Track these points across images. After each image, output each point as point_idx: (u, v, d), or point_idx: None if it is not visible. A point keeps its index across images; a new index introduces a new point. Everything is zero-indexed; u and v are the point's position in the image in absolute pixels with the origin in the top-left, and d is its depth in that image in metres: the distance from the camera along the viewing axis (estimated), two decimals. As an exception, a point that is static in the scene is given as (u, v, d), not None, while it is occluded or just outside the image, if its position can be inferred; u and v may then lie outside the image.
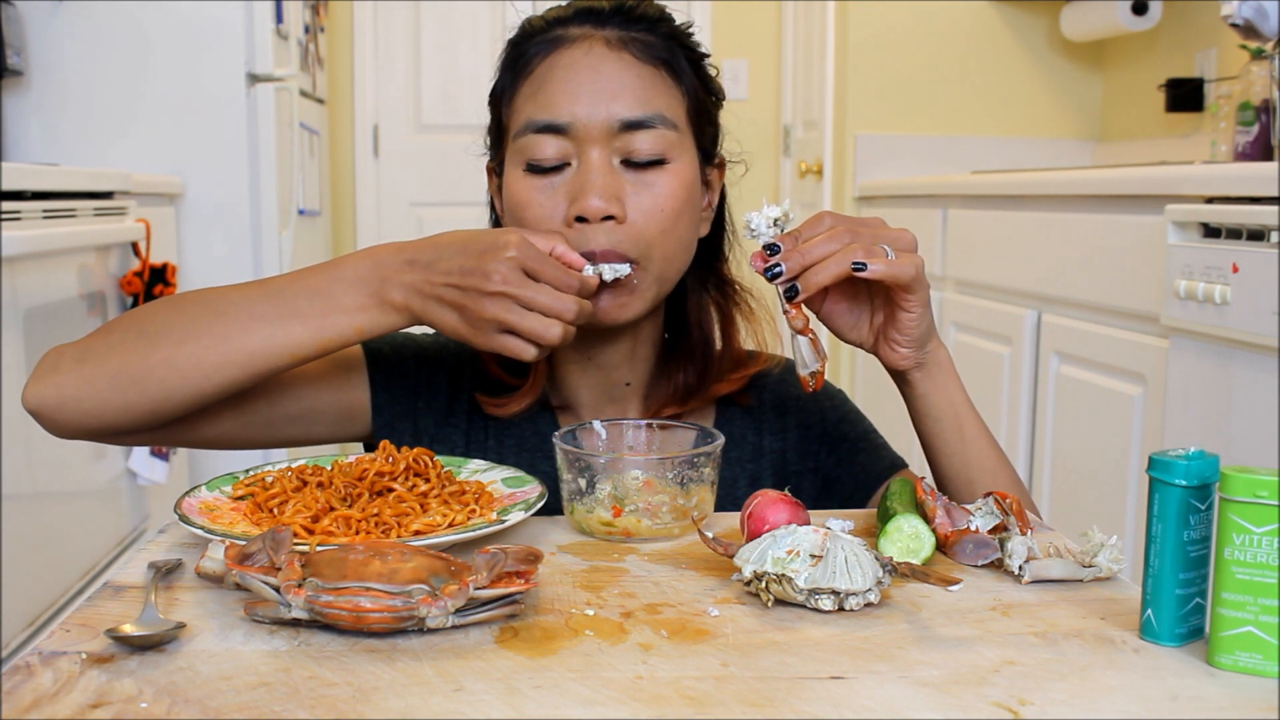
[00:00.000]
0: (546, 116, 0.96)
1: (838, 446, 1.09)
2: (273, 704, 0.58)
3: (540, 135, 0.96)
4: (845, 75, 3.50)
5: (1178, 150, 3.03)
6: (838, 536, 0.73)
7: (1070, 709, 0.58)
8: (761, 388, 1.11)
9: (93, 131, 2.80)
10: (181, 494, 0.87)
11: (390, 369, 1.07)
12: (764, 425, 1.10)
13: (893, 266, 0.86)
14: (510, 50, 1.03)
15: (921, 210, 2.97)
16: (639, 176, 0.97)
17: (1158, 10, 3.04)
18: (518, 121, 0.99)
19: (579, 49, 0.98)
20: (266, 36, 2.88)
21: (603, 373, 1.06)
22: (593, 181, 0.95)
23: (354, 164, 4.24)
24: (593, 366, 1.06)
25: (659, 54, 0.99)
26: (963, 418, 0.95)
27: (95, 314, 2.29)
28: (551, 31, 1.00)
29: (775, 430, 1.10)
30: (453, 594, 0.66)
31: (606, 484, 0.86)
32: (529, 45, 1.00)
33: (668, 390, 1.07)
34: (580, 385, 1.07)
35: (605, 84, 0.96)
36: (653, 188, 0.97)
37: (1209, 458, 0.66)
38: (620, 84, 0.97)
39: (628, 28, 1.00)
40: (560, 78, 0.97)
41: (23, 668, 0.62)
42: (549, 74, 0.97)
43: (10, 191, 1.90)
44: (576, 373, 1.07)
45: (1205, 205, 1.76)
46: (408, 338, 1.11)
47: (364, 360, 1.07)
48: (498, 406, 1.06)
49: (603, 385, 1.07)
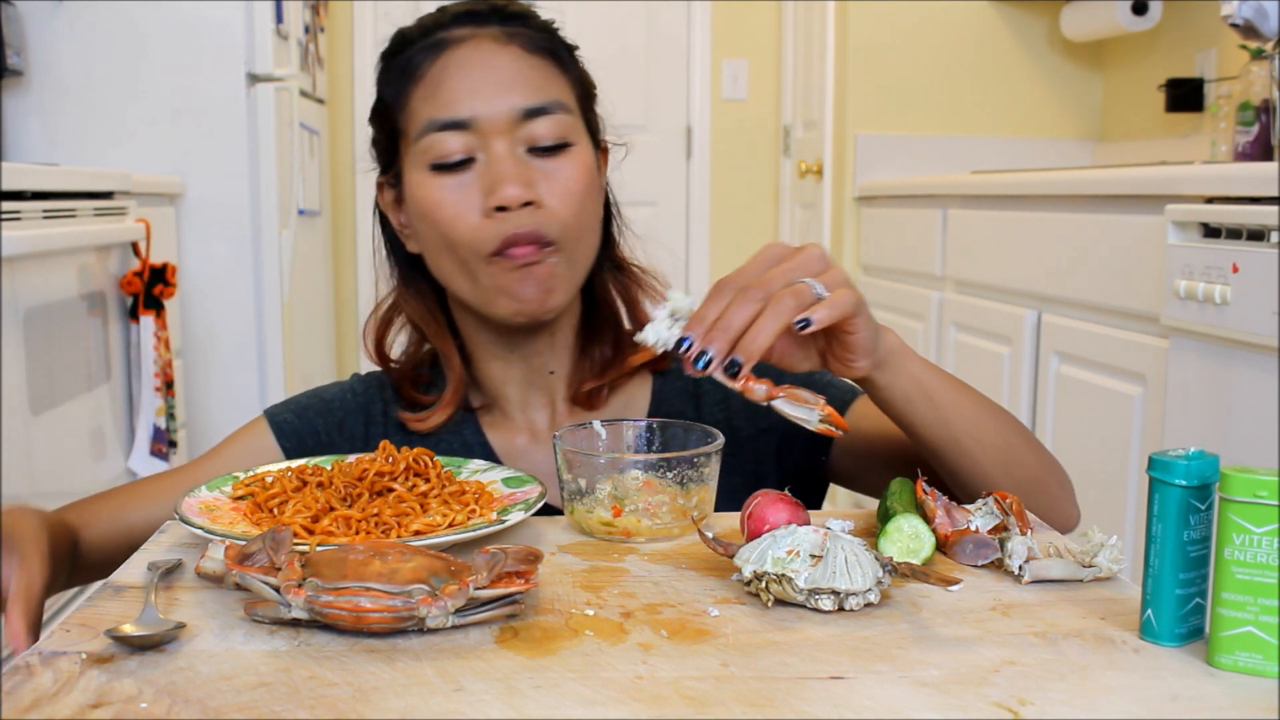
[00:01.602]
0: (448, 114, 0.98)
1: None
2: (273, 704, 0.58)
3: (443, 133, 0.98)
4: (845, 75, 3.50)
5: (1178, 150, 3.03)
6: (838, 536, 0.73)
7: (1070, 709, 0.58)
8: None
9: (93, 131, 2.80)
10: (181, 494, 0.87)
11: (299, 434, 1.08)
12: (703, 397, 1.10)
13: (834, 308, 0.78)
14: (389, 61, 1.05)
15: (921, 210, 2.97)
16: (544, 163, 0.99)
17: (1158, 10, 3.04)
18: (416, 124, 1.00)
19: (468, 47, 1.00)
20: (266, 36, 2.88)
21: (526, 363, 1.08)
22: (507, 170, 0.97)
23: (354, 164, 4.23)
24: (516, 359, 1.07)
25: (543, 44, 1.02)
26: (927, 386, 0.89)
27: (95, 314, 2.29)
28: (432, 36, 1.02)
29: (716, 400, 1.09)
30: (453, 594, 0.66)
31: (606, 484, 0.86)
32: (412, 52, 1.02)
33: (587, 368, 1.09)
34: (505, 380, 1.08)
35: (501, 76, 0.99)
36: (559, 172, 0.99)
37: (1209, 458, 0.66)
38: (515, 74, 0.99)
39: (506, 24, 1.02)
40: (456, 75, 0.99)
41: (23, 668, 0.62)
42: (443, 74, 0.99)
43: (10, 191, 1.89)
44: (500, 369, 1.08)
45: (1205, 205, 1.76)
46: (312, 396, 1.12)
47: (269, 430, 1.08)
48: (420, 421, 1.07)
49: (527, 376, 1.08)
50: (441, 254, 1.01)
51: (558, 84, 1.02)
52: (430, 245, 1.03)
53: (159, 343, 2.47)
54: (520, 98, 0.98)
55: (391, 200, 1.08)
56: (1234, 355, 1.68)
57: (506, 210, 0.96)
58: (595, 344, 1.10)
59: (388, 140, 1.06)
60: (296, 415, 1.09)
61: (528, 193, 0.97)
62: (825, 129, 3.62)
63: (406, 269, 1.11)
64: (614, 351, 1.10)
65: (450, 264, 1.01)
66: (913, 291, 3.02)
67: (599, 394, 1.09)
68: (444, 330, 1.09)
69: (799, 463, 1.08)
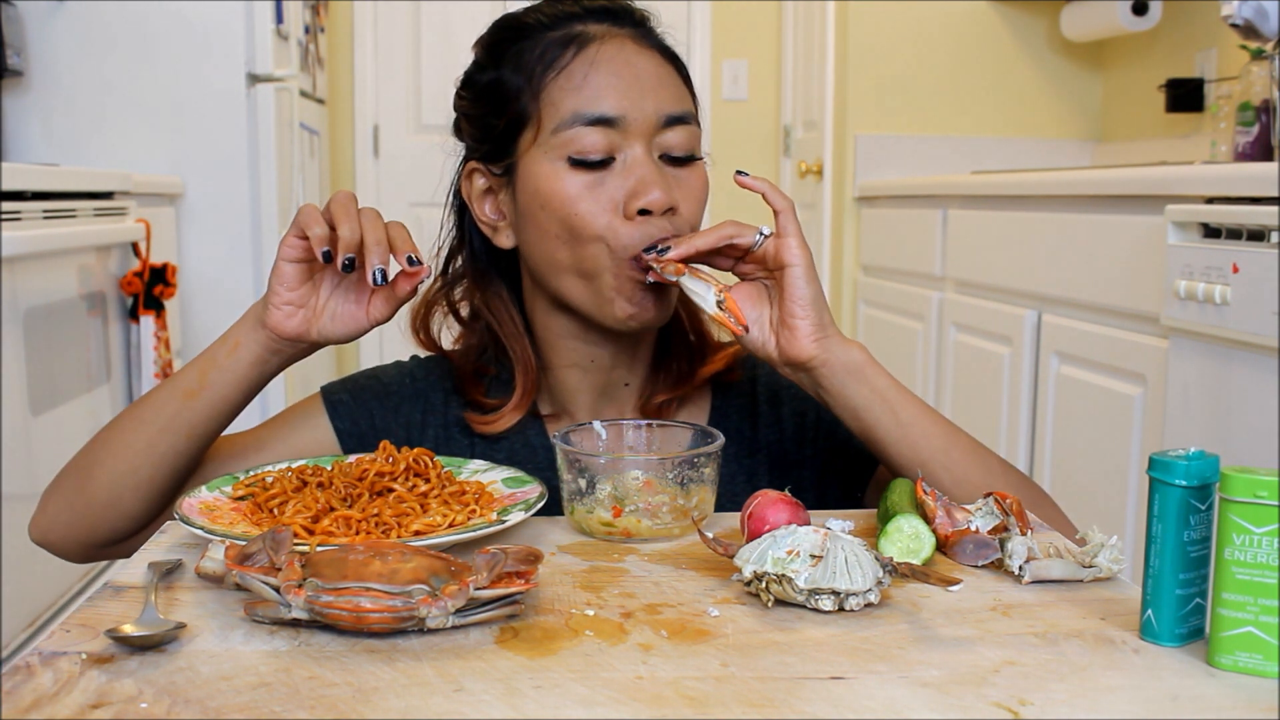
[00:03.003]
0: (596, 109, 0.96)
1: (835, 432, 1.08)
2: (273, 704, 0.58)
3: (590, 128, 0.96)
4: (845, 75, 3.50)
5: (1178, 150, 3.03)
6: (838, 536, 0.73)
7: (1070, 709, 0.58)
8: (754, 380, 1.11)
9: (93, 131, 2.80)
10: (182, 494, 0.87)
11: (353, 416, 1.07)
12: (759, 418, 1.09)
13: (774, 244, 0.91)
14: (513, 44, 1.00)
15: (921, 210, 2.97)
16: (675, 171, 0.99)
17: (1158, 10, 3.04)
18: (557, 115, 0.96)
19: (611, 45, 0.98)
20: (266, 36, 2.88)
21: (604, 375, 1.06)
22: (652, 174, 0.96)
23: (354, 164, 4.24)
24: (595, 369, 1.05)
25: (672, 54, 1.03)
26: (893, 402, 0.92)
27: (95, 314, 2.29)
28: (566, 27, 0.99)
29: (770, 422, 1.09)
30: (453, 594, 0.66)
31: (606, 484, 0.86)
32: (546, 40, 0.99)
33: (663, 381, 1.08)
34: (580, 389, 1.06)
35: (647, 79, 0.98)
36: (689, 181, 0.99)
37: (1209, 458, 0.66)
38: (659, 79, 0.99)
39: (639, 27, 1.02)
40: (605, 71, 0.97)
41: (23, 668, 0.62)
42: (592, 68, 0.97)
43: (10, 191, 1.90)
44: (577, 378, 1.06)
45: (1205, 205, 1.76)
46: (369, 378, 1.10)
47: (324, 409, 1.07)
48: (486, 424, 1.05)
49: (602, 387, 1.06)
50: (560, 249, 0.98)
51: (687, 95, 1.02)
52: (547, 239, 0.98)
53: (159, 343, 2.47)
54: (666, 104, 0.98)
55: (481, 189, 1.04)
56: (1234, 355, 1.68)
57: (649, 214, 0.95)
58: (671, 357, 1.09)
59: (505, 126, 1.00)
60: (352, 396, 1.07)
61: (671, 198, 0.96)
62: (825, 129, 3.62)
63: (485, 262, 1.08)
64: (689, 366, 1.09)
65: (568, 260, 0.97)
66: (913, 292, 3.02)
67: (669, 406, 1.08)
68: (520, 330, 1.06)
69: (836, 496, 1.08)
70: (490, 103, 1.01)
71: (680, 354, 1.09)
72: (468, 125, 1.05)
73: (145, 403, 0.98)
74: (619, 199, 0.96)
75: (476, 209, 1.05)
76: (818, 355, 0.91)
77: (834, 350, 0.91)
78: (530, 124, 0.98)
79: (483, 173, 1.03)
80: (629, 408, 1.08)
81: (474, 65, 1.04)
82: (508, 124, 1.00)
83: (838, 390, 0.92)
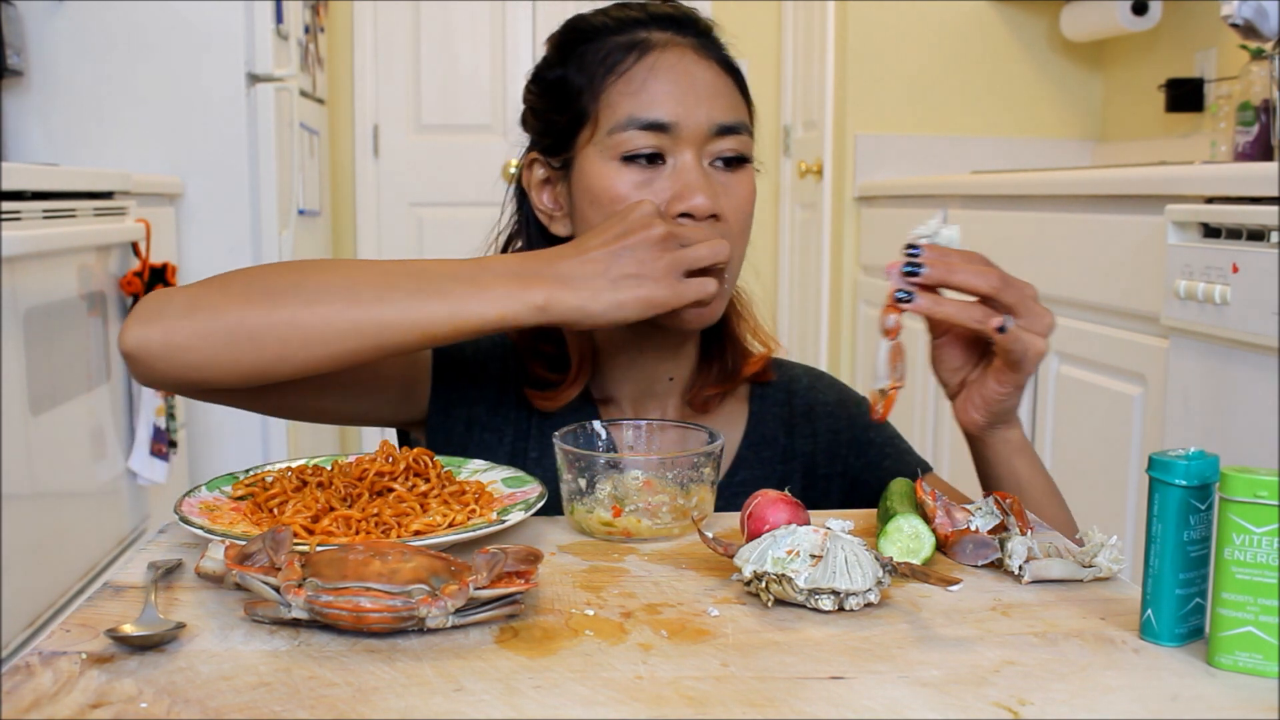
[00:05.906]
0: (651, 115, 0.99)
1: (865, 451, 1.12)
2: (273, 704, 0.58)
3: (643, 132, 0.99)
4: (845, 75, 3.50)
5: (1178, 150, 3.03)
6: (838, 536, 0.73)
7: (1070, 709, 0.58)
8: (791, 392, 1.14)
9: (93, 131, 2.80)
10: (181, 494, 0.87)
11: (450, 357, 1.10)
12: (795, 429, 1.13)
13: (1022, 343, 0.90)
14: (580, 45, 1.04)
15: (921, 210, 2.97)
16: (723, 176, 1.01)
17: (1158, 10, 3.04)
18: (614, 117, 1.00)
19: (672, 54, 1.02)
20: (266, 36, 2.88)
21: (650, 368, 1.09)
22: (698, 180, 0.99)
23: (354, 164, 4.23)
24: (642, 361, 1.08)
25: (732, 65, 1.06)
26: (1022, 487, 0.97)
27: (95, 314, 2.29)
28: (631, 33, 1.03)
29: (805, 434, 1.13)
30: (453, 594, 0.66)
31: (606, 484, 0.87)
32: (610, 44, 1.02)
33: (707, 377, 1.11)
34: (625, 380, 1.09)
35: (703, 89, 1.01)
36: (736, 187, 1.02)
37: (1209, 458, 0.66)
38: (715, 90, 1.02)
39: (702, 37, 1.05)
40: (663, 79, 1.00)
41: (23, 668, 0.62)
42: (651, 74, 1.00)
43: (10, 191, 1.89)
44: (624, 366, 1.09)
45: (1205, 205, 1.76)
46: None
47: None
48: (545, 400, 1.08)
49: (647, 380, 1.09)
50: None
51: (742, 106, 1.05)
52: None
53: (159, 343, 2.46)
54: (719, 114, 1.01)
55: (540, 179, 1.08)
56: (1234, 355, 1.68)
57: (691, 218, 0.98)
58: (716, 355, 1.12)
59: (567, 123, 1.04)
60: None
61: (713, 205, 0.98)
62: (825, 129, 3.62)
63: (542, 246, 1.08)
64: (732, 364, 1.12)
65: None
66: (913, 291, 3.02)
67: (713, 400, 1.11)
68: None
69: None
70: (554, 99, 1.05)
71: (725, 353, 1.12)
72: (532, 118, 1.09)
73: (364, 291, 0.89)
74: (664, 200, 0.98)
75: (535, 197, 1.09)
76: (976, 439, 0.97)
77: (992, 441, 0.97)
78: (589, 123, 1.02)
79: (543, 164, 1.07)
80: (671, 401, 1.11)
81: (543, 62, 1.09)
82: (569, 121, 1.04)
83: (1002, 461, 0.97)
